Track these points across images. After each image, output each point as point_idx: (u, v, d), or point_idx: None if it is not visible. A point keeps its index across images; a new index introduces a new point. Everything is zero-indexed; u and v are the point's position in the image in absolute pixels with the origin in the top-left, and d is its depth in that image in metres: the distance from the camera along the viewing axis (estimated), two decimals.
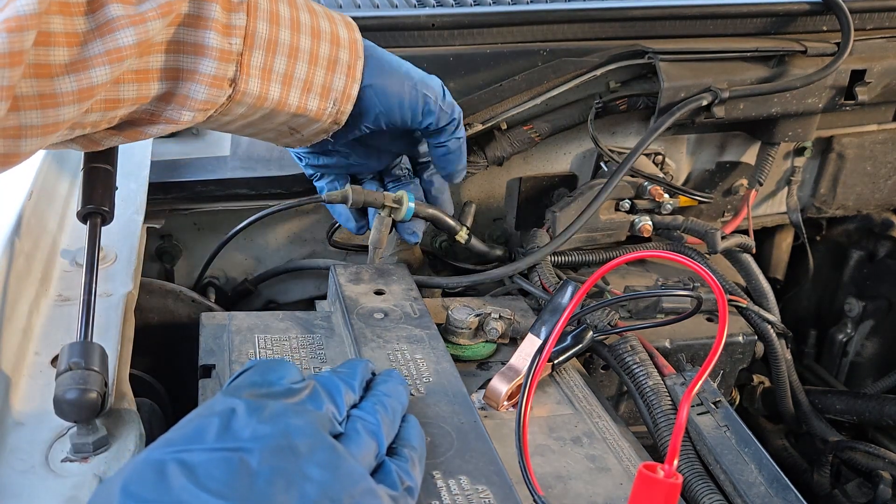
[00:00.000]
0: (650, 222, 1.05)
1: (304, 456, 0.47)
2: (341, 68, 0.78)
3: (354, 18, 0.84)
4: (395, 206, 0.90)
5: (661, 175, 1.11)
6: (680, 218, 1.05)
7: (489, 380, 0.75)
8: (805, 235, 1.27)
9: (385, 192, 0.90)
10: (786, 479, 0.70)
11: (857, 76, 1.09)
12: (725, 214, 1.25)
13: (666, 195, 1.05)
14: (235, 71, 0.70)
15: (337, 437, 0.52)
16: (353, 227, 0.95)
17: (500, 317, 0.82)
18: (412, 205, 0.90)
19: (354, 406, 0.57)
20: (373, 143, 0.90)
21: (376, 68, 0.81)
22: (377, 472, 0.53)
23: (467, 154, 0.92)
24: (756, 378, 1.17)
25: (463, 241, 0.97)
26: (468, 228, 0.98)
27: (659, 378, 0.80)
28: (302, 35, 0.74)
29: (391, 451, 0.56)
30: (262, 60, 0.72)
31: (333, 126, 0.82)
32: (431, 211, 0.93)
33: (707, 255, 1.07)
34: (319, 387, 0.55)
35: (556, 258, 1.02)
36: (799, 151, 1.23)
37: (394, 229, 0.93)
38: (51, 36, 0.56)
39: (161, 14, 0.61)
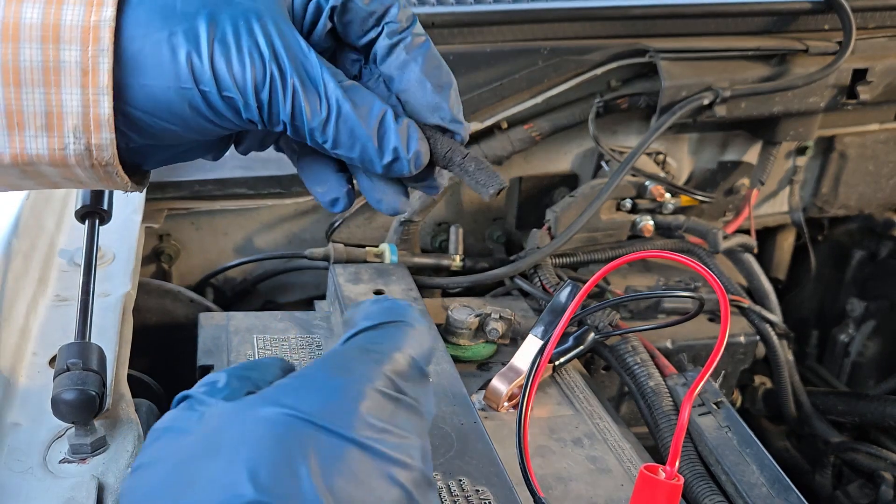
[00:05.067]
0: (651, 222, 1.05)
1: None
2: (68, 77, 0.46)
3: None
4: (377, 260, 0.94)
5: (663, 174, 1.10)
6: (681, 217, 1.04)
7: (489, 380, 0.74)
8: (807, 235, 1.27)
9: (367, 248, 0.95)
10: (787, 479, 0.69)
11: (859, 75, 1.09)
12: (727, 214, 1.24)
13: (667, 195, 1.05)
14: None
15: None
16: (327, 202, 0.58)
17: (501, 317, 0.82)
18: (395, 257, 0.95)
19: None
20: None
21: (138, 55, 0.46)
22: None
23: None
24: (758, 379, 1.16)
25: (458, 268, 1.01)
26: (461, 255, 1.01)
27: (660, 379, 0.80)
28: None
29: None
30: None
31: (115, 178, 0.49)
32: (416, 260, 0.97)
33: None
34: None
35: (556, 258, 1.01)
36: (801, 151, 1.22)
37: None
38: None
39: None
